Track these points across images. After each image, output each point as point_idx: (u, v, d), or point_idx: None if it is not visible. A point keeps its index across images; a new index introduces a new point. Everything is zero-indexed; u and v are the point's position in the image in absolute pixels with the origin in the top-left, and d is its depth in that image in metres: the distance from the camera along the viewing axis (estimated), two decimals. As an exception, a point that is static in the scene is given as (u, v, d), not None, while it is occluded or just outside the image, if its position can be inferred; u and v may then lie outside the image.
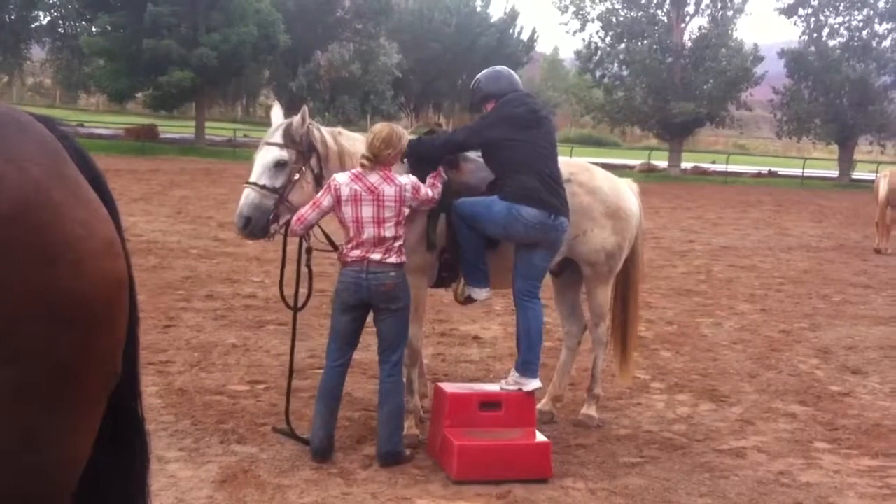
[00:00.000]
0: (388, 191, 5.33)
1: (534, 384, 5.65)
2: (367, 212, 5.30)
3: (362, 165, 5.41)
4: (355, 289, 5.36)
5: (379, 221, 5.30)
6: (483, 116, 5.91)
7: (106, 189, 2.19)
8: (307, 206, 5.40)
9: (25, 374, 1.77)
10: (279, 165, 5.53)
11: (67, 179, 1.91)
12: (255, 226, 5.48)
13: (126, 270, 2.05)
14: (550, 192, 5.60)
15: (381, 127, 5.52)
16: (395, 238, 5.36)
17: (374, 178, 5.35)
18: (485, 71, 6.12)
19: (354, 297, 5.39)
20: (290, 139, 5.57)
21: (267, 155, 5.56)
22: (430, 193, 5.52)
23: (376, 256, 5.32)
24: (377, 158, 5.37)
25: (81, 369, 1.89)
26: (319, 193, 5.43)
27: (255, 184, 5.51)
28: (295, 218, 5.40)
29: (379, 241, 5.32)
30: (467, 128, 6.06)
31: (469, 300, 5.93)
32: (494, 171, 5.73)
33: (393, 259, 5.36)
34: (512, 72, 6.15)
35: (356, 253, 5.35)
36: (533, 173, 5.57)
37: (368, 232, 5.31)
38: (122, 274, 2.01)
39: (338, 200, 5.33)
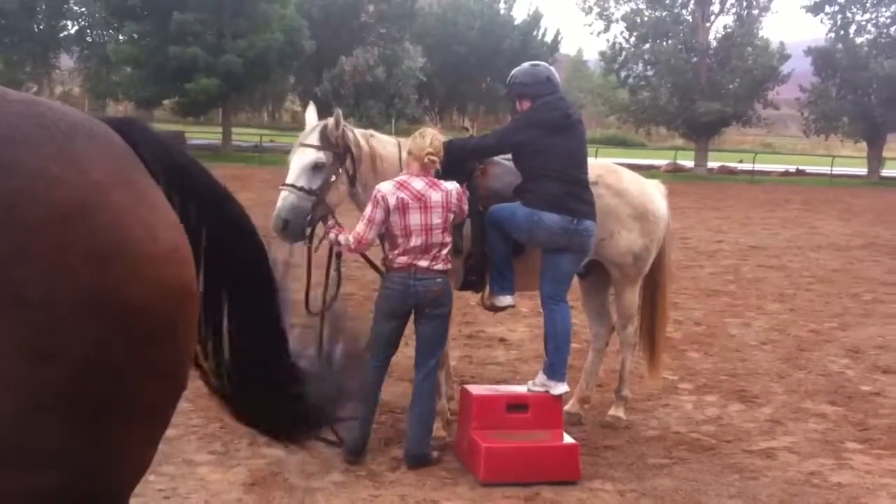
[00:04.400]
0: (435, 196, 5.31)
1: (561, 388, 5.62)
2: (414, 219, 5.27)
3: (422, 165, 5.35)
4: (403, 295, 5.34)
5: (427, 229, 5.28)
6: (515, 119, 5.90)
7: (208, 198, 2.22)
8: (361, 226, 5.32)
9: (74, 373, 1.78)
10: (317, 167, 5.49)
11: (132, 184, 1.91)
12: (294, 228, 5.43)
13: (194, 279, 1.99)
14: (574, 196, 5.57)
15: (425, 131, 5.51)
16: (443, 245, 5.35)
17: (419, 184, 5.32)
18: (523, 66, 5.98)
19: (402, 302, 5.37)
20: (326, 141, 5.54)
21: (304, 157, 5.52)
22: (465, 208, 5.53)
23: (423, 263, 5.31)
24: (428, 162, 5.34)
25: (138, 377, 1.88)
26: (368, 209, 5.34)
27: (292, 185, 5.46)
28: (354, 240, 5.33)
29: (426, 249, 5.30)
30: (498, 132, 6.08)
31: (495, 308, 5.92)
32: (522, 175, 5.72)
33: (440, 266, 5.35)
34: (550, 68, 5.99)
35: (403, 259, 5.32)
36: (558, 179, 5.55)
37: (416, 240, 5.28)
38: (186, 282, 1.96)
39: (386, 210, 5.29)
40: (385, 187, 5.33)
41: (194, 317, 2.03)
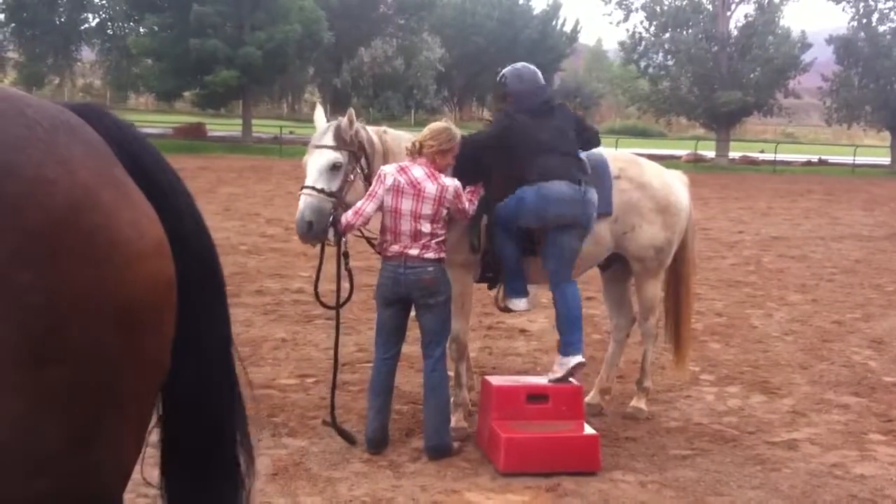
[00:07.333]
0: (430, 188, 5.34)
1: (576, 359, 5.61)
2: (405, 204, 5.33)
3: (407, 150, 5.51)
4: (394, 284, 5.40)
5: (416, 216, 5.32)
6: (500, 111, 6.02)
7: (164, 179, 2.18)
8: (363, 199, 5.41)
9: (75, 374, 1.80)
10: (335, 168, 5.51)
11: (116, 181, 1.93)
12: (317, 229, 5.45)
13: (173, 270, 2.03)
14: (573, 166, 5.62)
15: (437, 123, 5.62)
16: (433, 235, 5.38)
17: (418, 172, 5.38)
18: (509, 68, 6.14)
19: (393, 291, 5.43)
20: (341, 140, 5.55)
21: (321, 158, 5.53)
22: (467, 207, 5.52)
23: (414, 252, 5.35)
24: (420, 149, 5.42)
25: (130, 369, 1.91)
26: (373, 185, 5.44)
27: (312, 188, 5.47)
28: (352, 212, 5.39)
29: (415, 236, 5.35)
30: (489, 126, 6.12)
31: (509, 310, 5.93)
32: (521, 161, 5.68)
33: (431, 255, 5.38)
34: (534, 69, 6.14)
35: (395, 248, 5.38)
36: (552, 151, 5.60)
37: (405, 224, 5.34)
38: (169, 274, 2.01)
39: (384, 188, 5.37)
40: (388, 168, 5.45)
41: (175, 304, 2.07)
